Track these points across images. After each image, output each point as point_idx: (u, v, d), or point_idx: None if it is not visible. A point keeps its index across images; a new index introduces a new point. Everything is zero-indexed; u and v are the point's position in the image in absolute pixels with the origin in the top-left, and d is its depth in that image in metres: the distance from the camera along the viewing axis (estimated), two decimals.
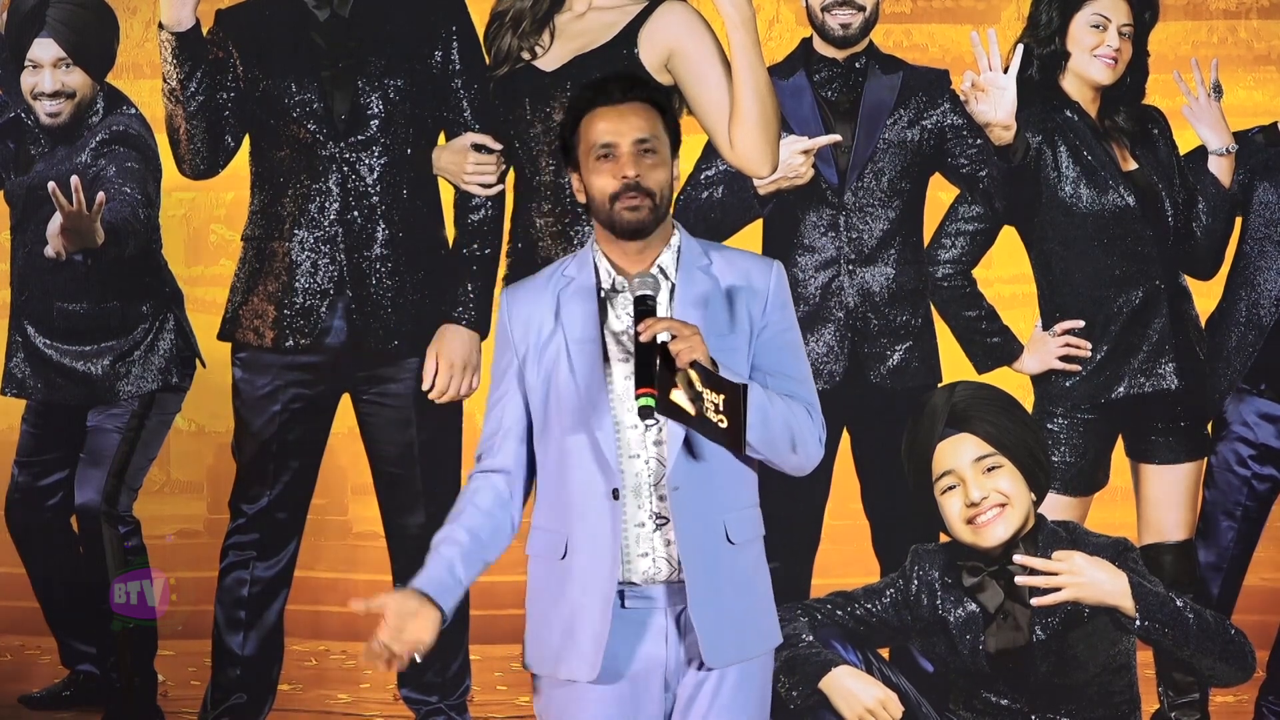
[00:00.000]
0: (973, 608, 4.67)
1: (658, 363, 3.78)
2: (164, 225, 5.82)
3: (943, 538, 4.77)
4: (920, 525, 4.94)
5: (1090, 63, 5.47)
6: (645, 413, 3.78)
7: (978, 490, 4.63)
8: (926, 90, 5.41)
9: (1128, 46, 5.48)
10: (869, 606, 4.74)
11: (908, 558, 4.77)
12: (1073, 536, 4.69)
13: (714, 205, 5.27)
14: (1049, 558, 4.58)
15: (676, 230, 4.01)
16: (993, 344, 5.52)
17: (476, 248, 5.18)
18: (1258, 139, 5.64)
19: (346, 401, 5.36)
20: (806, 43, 5.48)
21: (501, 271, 5.21)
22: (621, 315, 3.95)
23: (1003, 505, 4.63)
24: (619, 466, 3.90)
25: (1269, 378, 5.58)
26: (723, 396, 3.78)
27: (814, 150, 5.24)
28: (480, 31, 5.21)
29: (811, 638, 4.60)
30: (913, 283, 5.40)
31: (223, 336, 5.31)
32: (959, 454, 4.66)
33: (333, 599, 6.87)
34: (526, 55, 5.08)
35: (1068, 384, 5.47)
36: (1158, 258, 5.47)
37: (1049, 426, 5.44)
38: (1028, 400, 5.33)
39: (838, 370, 5.32)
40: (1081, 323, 5.45)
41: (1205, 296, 5.64)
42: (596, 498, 3.90)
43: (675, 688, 3.96)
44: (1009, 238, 5.57)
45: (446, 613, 3.90)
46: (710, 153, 5.22)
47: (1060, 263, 5.48)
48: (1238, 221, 5.62)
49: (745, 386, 3.79)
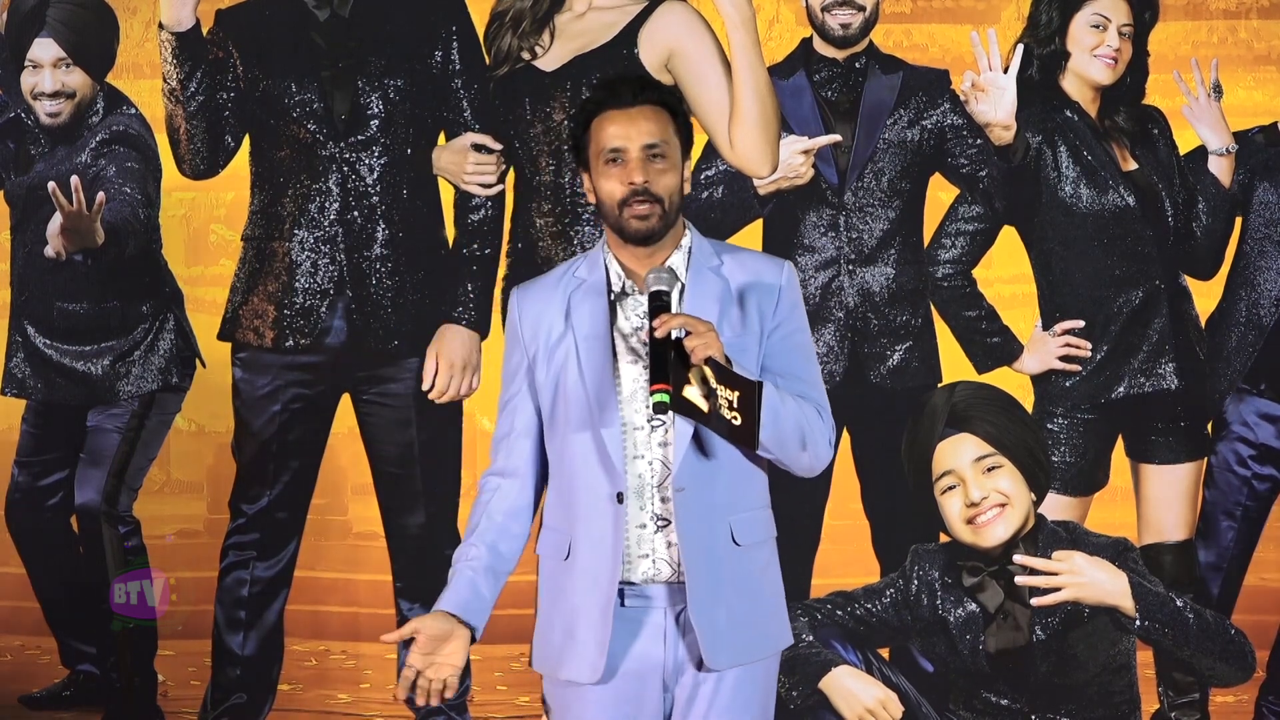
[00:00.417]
0: (973, 608, 4.67)
1: (672, 358, 3.78)
2: (164, 225, 5.81)
3: (943, 538, 4.77)
4: (920, 525, 4.94)
5: (1090, 63, 5.47)
6: (660, 408, 3.76)
7: (978, 490, 4.63)
8: (926, 90, 5.41)
9: (1128, 46, 5.48)
10: (869, 606, 4.74)
11: (908, 558, 4.77)
12: (1073, 536, 4.69)
13: (714, 205, 5.27)
14: (1049, 558, 4.58)
15: (688, 231, 3.99)
16: (993, 344, 5.52)
17: (476, 248, 5.18)
18: (1258, 139, 5.64)
19: (346, 401, 5.36)
20: (806, 43, 5.48)
21: (501, 271, 5.21)
22: (631, 316, 3.93)
23: (1003, 505, 4.63)
24: (624, 469, 3.89)
25: (1269, 378, 5.58)
26: (737, 393, 3.77)
27: (814, 150, 5.25)
28: (480, 31, 5.21)
29: (811, 638, 4.60)
30: (913, 283, 5.40)
31: (223, 336, 5.31)
32: (959, 454, 4.66)
33: (333, 599, 6.86)
34: (526, 55, 5.08)
35: (1068, 384, 5.47)
36: (1158, 258, 5.47)
37: (1049, 426, 5.44)
38: (1028, 400, 5.34)
39: (838, 370, 5.32)
40: (1081, 323, 5.45)
41: (1205, 296, 5.63)
42: (600, 500, 3.89)
43: (674, 688, 3.94)
44: (1009, 238, 5.57)
45: (477, 632, 3.92)
46: (710, 153, 5.22)
47: (1060, 263, 5.48)
48: (1238, 221, 5.62)
49: (760, 384, 3.78)
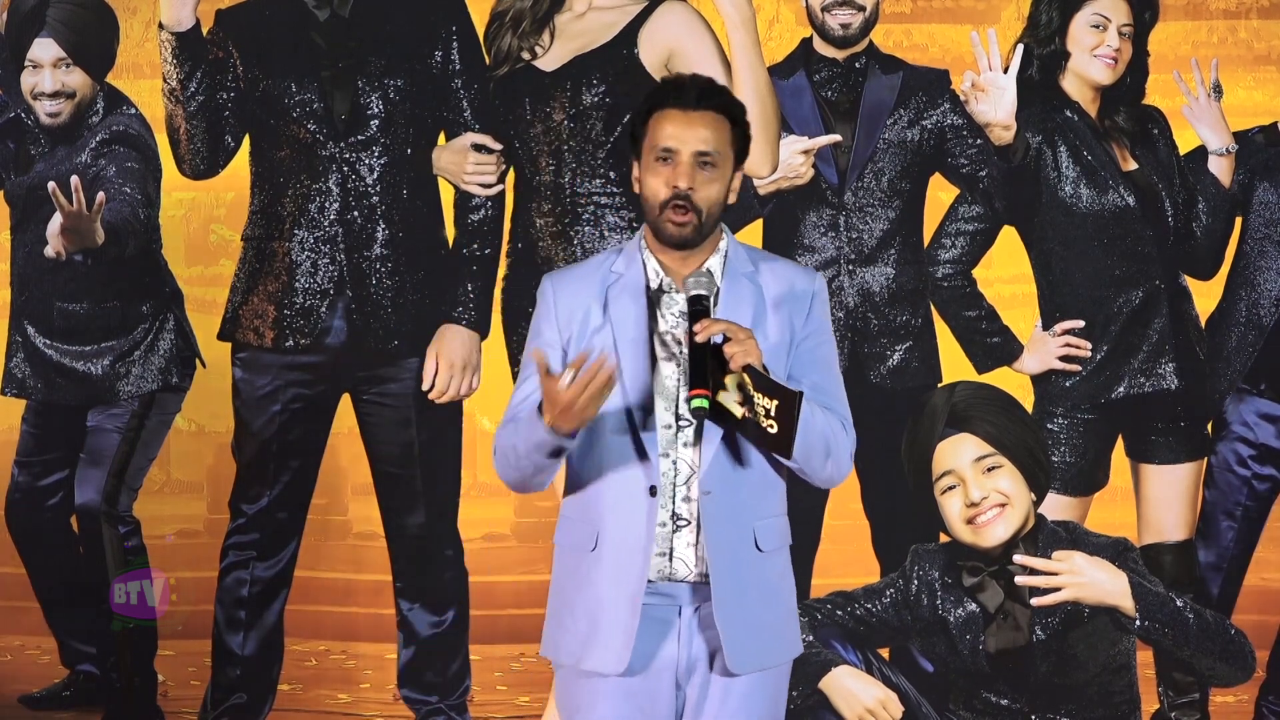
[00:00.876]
0: (973, 608, 4.67)
1: (711, 364, 3.78)
2: (164, 225, 5.81)
3: (943, 538, 4.77)
4: (920, 525, 4.94)
5: (1090, 63, 5.46)
6: (698, 414, 3.78)
7: (978, 490, 4.63)
8: (926, 90, 5.41)
9: (1128, 46, 5.47)
10: (869, 606, 4.74)
11: (908, 558, 4.77)
12: (1073, 536, 4.69)
13: None
14: (1049, 558, 4.58)
15: (725, 236, 4.00)
16: (993, 344, 5.52)
17: (476, 248, 5.18)
18: (1258, 139, 5.63)
19: (346, 401, 5.35)
20: (806, 43, 5.48)
21: (501, 271, 5.21)
22: (667, 315, 3.95)
23: (1003, 505, 4.63)
24: (657, 464, 3.90)
25: (1269, 378, 5.58)
26: (775, 402, 3.77)
27: (814, 150, 5.25)
28: (480, 31, 5.21)
29: (811, 638, 4.60)
30: (913, 283, 5.40)
31: (223, 336, 5.31)
32: (959, 454, 4.66)
33: (333, 599, 6.87)
34: (526, 55, 5.08)
35: (1068, 384, 5.47)
36: (1158, 258, 5.46)
37: (1049, 426, 5.44)
38: (1028, 400, 5.33)
39: None
40: (1081, 323, 5.45)
41: (1205, 296, 5.63)
42: (633, 493, 3.90)
43: (685, 687, 3.96)
44: (1009, 238, 5.57)
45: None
46: None
47: (1060, 263, 5.48)
48: (1238, 221, 5.62)
49: (800, 394, 3.78)
